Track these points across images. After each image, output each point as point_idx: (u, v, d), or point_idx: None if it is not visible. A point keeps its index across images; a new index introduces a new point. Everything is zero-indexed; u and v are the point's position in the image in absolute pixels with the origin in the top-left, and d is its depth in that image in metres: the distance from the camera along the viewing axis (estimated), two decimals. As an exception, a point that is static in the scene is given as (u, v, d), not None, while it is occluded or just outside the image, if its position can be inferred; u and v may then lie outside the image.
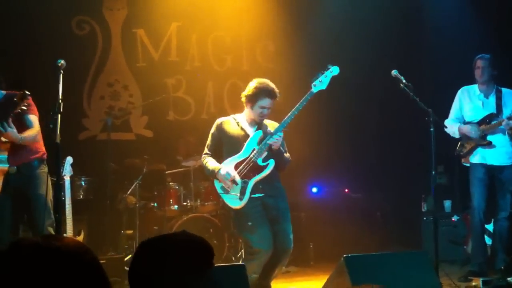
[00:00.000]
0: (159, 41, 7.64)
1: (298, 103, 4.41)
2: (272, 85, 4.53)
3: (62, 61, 4.18)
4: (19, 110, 4.29)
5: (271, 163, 4.41)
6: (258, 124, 4.56)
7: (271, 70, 7.67)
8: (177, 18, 7.61)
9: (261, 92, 4.47)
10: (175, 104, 7.68)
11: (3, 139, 4.37)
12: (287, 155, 4.56)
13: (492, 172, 5.40)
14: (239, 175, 4.41)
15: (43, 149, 4.64)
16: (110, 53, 7.51)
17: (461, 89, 5.62)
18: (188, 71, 7.74)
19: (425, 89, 5.96)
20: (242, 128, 4.55)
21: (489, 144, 5.36)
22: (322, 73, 4.49)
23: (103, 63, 7.47)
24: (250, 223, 4.36)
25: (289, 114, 4.42)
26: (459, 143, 5.55)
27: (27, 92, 4.30)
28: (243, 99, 4.56)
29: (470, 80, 5.58)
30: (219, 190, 4.53)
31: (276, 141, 4.38)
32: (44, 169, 4.59)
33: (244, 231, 4.44)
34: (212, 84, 7.80)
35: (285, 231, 4.44)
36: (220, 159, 4.58)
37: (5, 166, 4.41)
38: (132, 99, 7.54)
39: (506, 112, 5.34)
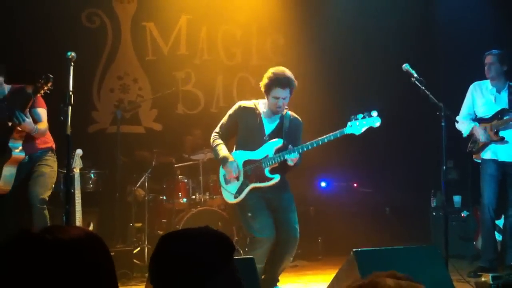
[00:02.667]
0: (168, 35, 7.63)
1: (326, 136, 4.26)
2: (288, 74, 4.34)
3: (73, 53, 4.19)
4: (42, 93, 4.41)
5: (276, 178, 4.36)
6: (280, 117, 4.44)
7: (281, 64, 7.50)
8: (187, 11, 7.60)
9: (273, 82, 4.31)
10: (184, 98, 7.68)
11: (19, 128, 4.50)
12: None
13: (504, 169, 5.35)
14: (244, 174, 4.39)
15: (52, 140, 4.85)
16: (120, 46, 7.51)
17: (473, 84, 5.57)
18: (197, 64, 7.73)
19: (436, 84, 5.92)
20: (260, 121, 4.43)
21: (502, 140, 5.31)
22: (363, 117, 4.24)
23: (113, 56, 7.48)
24: (250, 214, 4.36)
25: (312, 141, 4.28)
26: (471, 139, 5.50)
27: (50, 76, 4.40)
28: (261, 88, 4.44)
29: (482, 75, 5.53)
30: (221, 179, 4.51)
31: (292, 161, 4.29)
32: (53, 157, 4.84)
33: (245, 221, 4.44)
34: (221, 77, 7.79)
35: (290, 220, 4.40)
36: (229, 142, 4.54)
37: (21, 155, 4.60)
38: (141, 92, 7.54)
39: None
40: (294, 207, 4.49)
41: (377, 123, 4.25)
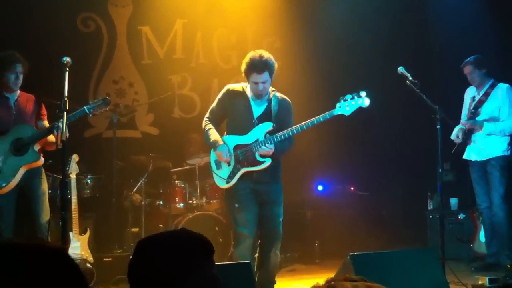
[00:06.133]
0: (164, 38, 7.62)
1: (314, 118, 4.23)
2: (264, 57, 4.29)
3: (68, 59, 4.19)
4: (97, 113, 4.54)
5: (267, 161, 4.35)
6: (267, 100, 4.42)
7: (277, 67, 7.64)
8: (182, 15, 7.60)
9: (250, 67, 4.29)
10: (181, 102, 7.67)
11: (48, 138, 4.54)
12: (291, 133, 4.29)
13: (479, 167, 5.62)
14: (235, 158, 4.39)
15: None
16: (116, 50, 7.50)
17: (468, 88, 5.82)
18: (193, 68, 7.72)
19: (431, 86, 5.94)
20: (249, 104, 4.42)
21: (473, 141, 5.61)
22: (352, 98, 4.23)
23: (108, 60, 7.47)
24: (237, 205, 4.37)
25: (297, 125, 4.26)
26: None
27: (108, 99, 4.51)
28: (242, 74, 4.44)
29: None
30: (212, 164, 4.53)
31: (267, 151, 4.29)
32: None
33: (231, 210, 4.47)
34: (217, 81, 7.78)
35: (275, 214, 4.42)
36: (221, 126, 4.54)
37: (41, 161, 4.62)
38: (137, 96, 7.53)
39: (484, 109, 5.55)
40: (281, 200, 4.49)
41: (366, 102, 4.22)
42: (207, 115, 4.60)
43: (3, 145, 4.49)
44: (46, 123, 4.71)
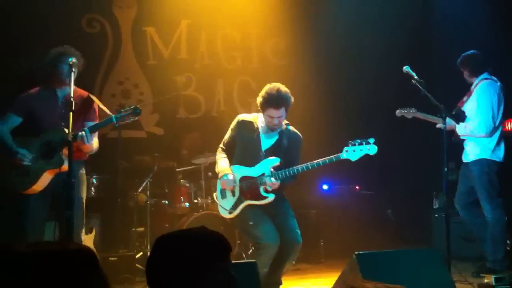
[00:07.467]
0: (169, 39, 7.64)
1: (321, 160, 4.25)
2: (281, 93, 4.25)
3: (74, 59, 4.18)
4: (123, 123, 4.23)
5: (270, 197, 4.36)
6: (279, 133, 4.43)
7: (281, 67, 7.66)
8: (187, 15, 7.61)
9: (267, 102, 4.27)
10: (185, 102, 7.68)
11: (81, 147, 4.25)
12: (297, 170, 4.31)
13: (464, 168, 5.53)
14: (239, 189, 4.39)
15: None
16: (120, 51, 7.53)
17: None
18: (198, 68, 7.74)
19: (436, 86, 5.92)
20: (258, 136, 4.43)
21: (462, 141, 5.48)
22: (360, 143, 4.20)
23: (113, 61, 7.49)
24: (251, 222, 4.35)
25: (303, 165, 4.26)
26: None
27: (139, 108, 4.22)
28: (257, 105, 4.42)
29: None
30: (218, 193, 4.54)
31: (271, 185, 4.27)
32: (84, 171, 4.54)
33: (248, 230, 4.43)
34: (222, 81, 7.80)
35: (291, 225, 4.40)
36: (231, 156, 4.55)
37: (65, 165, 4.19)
38: (142, 97, 7.55)
39: (465, 109, 5.39)
40: (293, 213, 4.50)
41: (372, 151, 4.22)
42: (221, 145, 4.64)
43: (36, 145, 4.28)
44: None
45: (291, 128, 4.55)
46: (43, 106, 4.37)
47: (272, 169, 4.34)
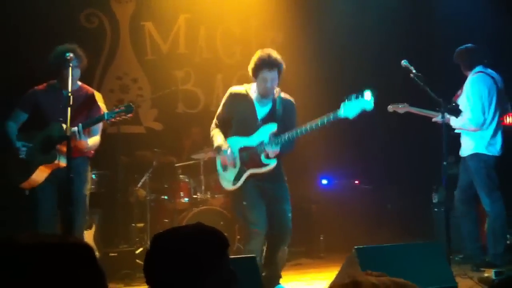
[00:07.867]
0: (167, 34, 7.61)
1: (318, 119, 4.18)
2: (274, 55, 4.35)
3: (71, 54, 4.19)
4: (116, 120, 4.22)
5: (272, 163, 4.35)
6: (272, 101, 4.43)
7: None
8: (185, 10, 7.59)
9: (260, 64, 4.33)
10: (184, 97, 7.67)
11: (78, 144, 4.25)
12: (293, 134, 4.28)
13: (462, 162, 5.49)
14: (240, 160, 4.39)
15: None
16: (119, 46, 7.50)
17: None
18: (197, 63, 7.72)
19: (435, 79, 5.91)
20: (252, 106, 4.42)
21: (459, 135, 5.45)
22: (357, 97, 4.10)
23: (112, 56, 7.47)
24: (245, 203, 4.38)
25: (302, 127, 4.23)
26: None
27: (133, 105, 4.24)
28: (250, 73, 4.46)
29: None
30: (218, 167, 4.54)
31: (273, 152, 4.28)
32: (88, 168, 4.56)
33: (239, 210, 4.46)
34: (221, 76, 7.78)
35: (284, 210, 4.42)
36: (228, 129, 4.54)
37: (62, 162, 4.29)
38: (141, 92, 7.54)
39: (459, 101, 5.23)
40: (288, 197, 4.50)
41: (370, 105, 4.11)
42: (215, 120, 4.63)
43: (38, 139, 4.33)
44: (99, 124, 4.45)
45: (283, 94, 4.54)
46: (48, 101, 4.45)
47: (271, 136, 4.34)
